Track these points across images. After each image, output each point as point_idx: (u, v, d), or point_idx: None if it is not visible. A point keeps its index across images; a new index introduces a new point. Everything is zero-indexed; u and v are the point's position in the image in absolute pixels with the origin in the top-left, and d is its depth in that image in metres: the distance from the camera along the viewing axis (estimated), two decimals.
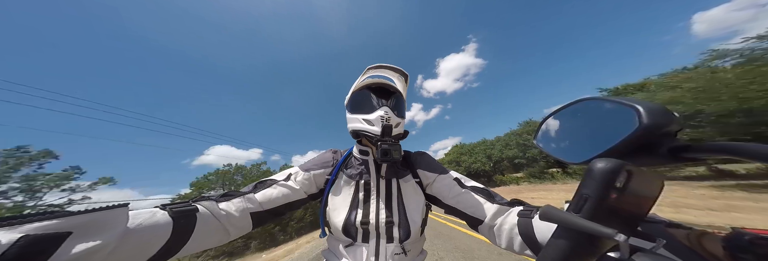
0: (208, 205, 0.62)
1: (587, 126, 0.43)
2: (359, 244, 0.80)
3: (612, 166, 0.26)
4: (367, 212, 0.81)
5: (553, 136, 0.50)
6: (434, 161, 0.95)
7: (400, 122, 0.83)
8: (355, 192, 0.85)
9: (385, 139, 0.77)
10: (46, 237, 0.33)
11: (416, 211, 0.83)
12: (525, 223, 0.58)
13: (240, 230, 0.68)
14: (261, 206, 0.74)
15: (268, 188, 0.78)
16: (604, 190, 0.26)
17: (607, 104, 0.39)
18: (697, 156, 0.29)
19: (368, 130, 0.80)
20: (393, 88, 0.86)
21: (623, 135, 0.33)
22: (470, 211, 0.76)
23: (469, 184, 0.83)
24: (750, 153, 0.25)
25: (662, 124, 0.31)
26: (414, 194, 0.87)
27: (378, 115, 0.78)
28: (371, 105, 0.82)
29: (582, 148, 0.41)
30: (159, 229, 0.48)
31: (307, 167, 0.89)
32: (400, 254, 0.79)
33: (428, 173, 0.89)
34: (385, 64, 0.94)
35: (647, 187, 0.30)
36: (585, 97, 0.43)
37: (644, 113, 0.31)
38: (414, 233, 0.80)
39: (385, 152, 0.74)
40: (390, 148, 0.74)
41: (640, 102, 0.33)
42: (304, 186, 0.85)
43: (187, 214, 0.55)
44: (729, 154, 0.26)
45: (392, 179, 0.87)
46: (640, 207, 0.30)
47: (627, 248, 0.24)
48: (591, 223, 0.24)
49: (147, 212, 0.50)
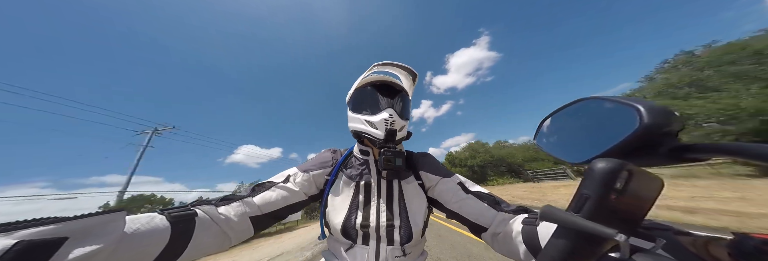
0: (207, 210, 0.61)
1: (587, 126, 0.43)
2: (359, 247, 0.78)
3: (612, 166, 0.26)
4: (368, 215, 0.79)
5: (554, 136, 0.50)
6: (438, 163, 0.93)
7: (404, 125, 0.81)
8: (355, 193, 0.83)
9: (389, 145, 0.75)
10: (43, 243, 0.32)
11: (418, 214, 0.81)
12: (529, 231, 0.56)
13: (241, 235, 0.67)
14: (260, 210, 0.72)
15: (267, 191, 0.77)
16: (604, 190, 0.26)
17: (607, 104, 0.38)
18: (698, 156, 0.29)
19: (371, 133, 0.78)
20: (398, 87, 0.83)
21: (624, 135, 0.32)
22: (473, 217, 0.74)
23: (473, 189, 0.80)
24: (752, 153, 0.25)
25: (663, 123, 0.31)
26: (416, 196, 0.85)
27: (382, 118, 0.76)
28: (375, 105, 0.80)
29: (582, 148, 0.41)
30: (157, 233, 0.48)
31: (306, 168, 0.86)
32: (401, 257, 0.78)
33: (431, 176, 0.87)
34: (393, 62, 0.89)
35: (648, 187, 0.30)
36: (585, 97, 0.43)
37: (645, 113, 0.31)
38: (415, 236, 0.79)
39: (387, 160, 0.72)
40: (393, 156, 0.73)
41: (641, 101, 0.33)
42: (303, 187, 0.83)
43: (186, 219, 0.54)
44: (730, 154, 0.26)
45: (394, 180, 0.85)
46: (640, 207, 0.30)
47: (627, 248, 0.24)
48: (591, 223, 0.24)
49: (145, 217, 0.49)
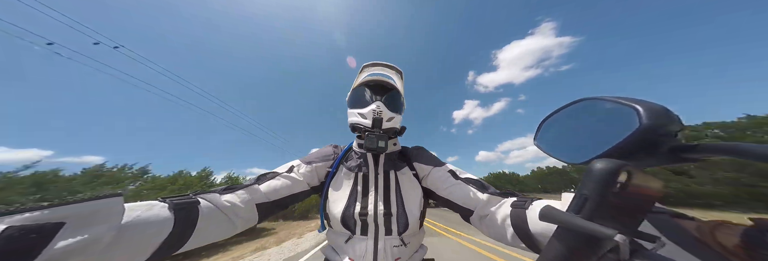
0: (211, 198, 0.62)
1: (587, 126, 0.43)
2: (358, 237, 0.82)
3: (611, 167, 0.26)
4: (366, 203, 0.83)
5: (554, 137, 0.50)
6: (430, 154, 0.98)
7: (393, 117, 0.86)
8: (354, 184, 0.88)
9: (374, 130, 0.81)
10: (37, 228, 0.32)
11: (414, 203, 0.86)
12: (518, 214, 0.58)
13: (246, 222, 0.70)
14: (266, 197, 0.76)
15: (272, 180, 0.81)
16: (603, 191, 0.26)
17: (607, 104, 0.38)
18: (698, 156, 0.29)
19: (361, 122, 0.84)
20: (390, 85, 0.89)
21: (623, 135, 0.32)
22: (462, 201, 0.78)
23: (463, 176, 0.85)
24: (751, 153, 0.25)
25: (662, 124, 0.31)
26: (411, 186, 0.90)
27: (370, 109, 0.82)
28: (366, 100, 0.86)
29: (582, 149, 0.40)
30: (158, 221, 0.48)
31: (309, 160, 0.92)
32: (400, 246, 0.81)
33: (424, 166, 0.92)
34: (380, 62, 0.99)
35: (647, 187, 0.30)
36: (585, 97, 0.43)
37: (644, 113, 0.31)
38: (412, 225, 0.82)
39: (370, 141, 0.77)
40: (376, 137, 0.78)
41: (641, 102, 0.33)
42: (306, 178, 0.88)
43: (188, 207, 0.55)
44: (730, 154, 0.26)
45: (390, 171, 0.90)
46: (640, 207, 0.30)
47: (627, 249, 0.24)
48: (591, 223, 0.24)
49: (145, 204, 0.49)
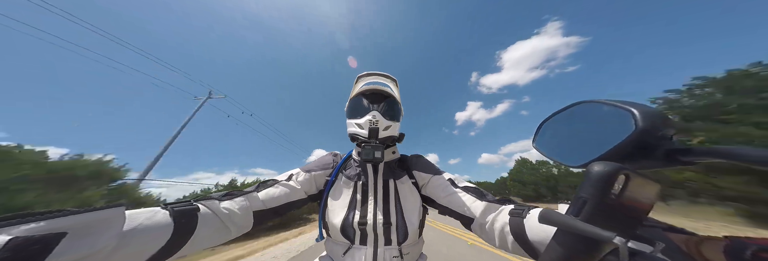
0: (210, 204, 0.63)
1: (585, 129, 0.43)
2: (357, 248, 0.81)
3: (609, 170, 0.26)
4: (365, 212, 0.83)
5: (552, 140, 0.50)
6: (429, 163, 0.98)
7: (390, 125, 0.86)
8: (353, 192, 0.88)
9: (370, 140, 0.81)
10: (41, 238, 0.32)
11: (413, 212, 0.85)
12: (516, 223, 0.58)
13: (241, 228, 0.70)
14: (264, 205, 0.76)
15: (271, 188, 0.81)
16: (601, 193, 0.26)
17: (604, 107, 0.39)
18: (694, 159, 0.29)
19: (358, 133, 0.84)
20: (387, 93, 0.90)
21: (620, 138, 0.33)
22: (461, 209, 0.78)
23: (461, 185, 0.85)
24: (747, 157, 0.25)
25: (658, 127, 0.31)
26: (410, 195, 0.89)
27: (367, 119, 0.83)
28: (363, 110, 0.87)
29: (580, 152, 0.41)
30: (159, 229, 0.49)
31: (309, 168, 0.92)
32: (398, 257, 0.80)
33: (423, 174, 0.92)
34: (375, 72, 1.01)
35: (645, 190, 0.30)
36: (582, 100, 0.43)
37: (639, 116, 0.31)
38: (411, 235, 0.81)
39: (367, 153, 0.78)
40: (372, 148, 0.78)
41: (636, 105, 0.33)
42: (304, 186, 0.88)
43: (189, 214, 0.55)
44: (726, 157, 0.26)
45: (390, 180, 0.90)
46: (638, 210, 0.30)
47: (626, 251, 0.24)
48: (590, 226, 0.24)
49: (147, 211, 0.50)
